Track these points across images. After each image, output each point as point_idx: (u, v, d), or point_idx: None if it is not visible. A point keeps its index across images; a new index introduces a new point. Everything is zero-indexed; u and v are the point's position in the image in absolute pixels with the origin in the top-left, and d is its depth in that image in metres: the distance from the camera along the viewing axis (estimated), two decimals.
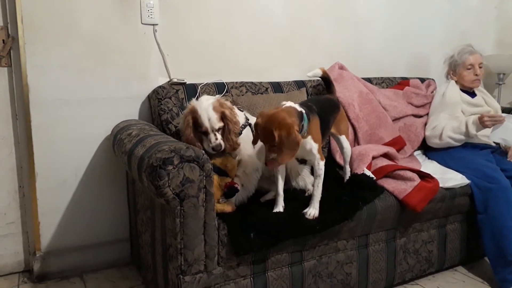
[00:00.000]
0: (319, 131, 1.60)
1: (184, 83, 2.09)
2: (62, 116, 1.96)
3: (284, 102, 1.54)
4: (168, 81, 2.11)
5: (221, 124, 1.62)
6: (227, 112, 1.63)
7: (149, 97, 2.09)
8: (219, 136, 1.62)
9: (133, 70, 2.08)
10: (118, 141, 1.72)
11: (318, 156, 1.57)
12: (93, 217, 2.08)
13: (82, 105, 1.99)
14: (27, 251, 2.03)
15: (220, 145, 1.61)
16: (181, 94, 2.05)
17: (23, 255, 2.03)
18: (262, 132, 1.45)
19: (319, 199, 1.57)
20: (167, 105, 1.95)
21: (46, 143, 1.94)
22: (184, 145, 1.36)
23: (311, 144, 1.56)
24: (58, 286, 1.93)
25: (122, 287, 1.92)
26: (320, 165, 1.58)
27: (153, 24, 2.09)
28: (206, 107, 1.61)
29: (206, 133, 1.62)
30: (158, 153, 1.30)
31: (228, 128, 1.63)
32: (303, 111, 1.52)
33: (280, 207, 1.58)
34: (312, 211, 1.55)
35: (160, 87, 2.04)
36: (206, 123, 1.61)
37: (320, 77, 2.03)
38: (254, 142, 1.57)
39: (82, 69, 1.98)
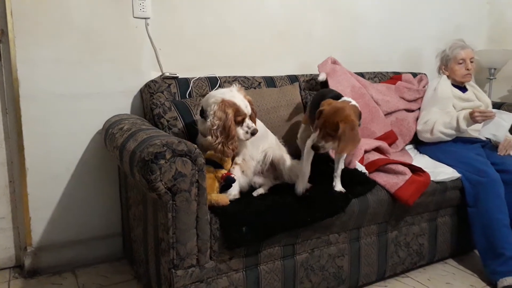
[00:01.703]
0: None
1: (177, 77, 2.09)
2: (54, 110, 1.95)
3: (345, 98, 1.71)
4: (161, 75, 2.10)
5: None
6: (250, 98, 1.66)
7: (141, 92, 2.08)
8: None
9: (125, 64, 2.07)
10: (109, 136, 1.71)
11: None
12: (85, 212, 2.07)
13: (74, 99, 1.98)
14: (18, 246, 2.02)
15: (256, 128, 1.63)
16: (173, 89, 2.04)
17: (14, 250, 2.02)
18: (325, 119, 1.55)
19: (339, 177, 1.72)
20: (159, 99, 1.95)
21: (37, 137, 1.92)
22: (176, 139, 1.35)
23: None
24: (49, 281, 1.92)
25: (115, 281, 1.92)
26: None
27: (145, 18, 2.08)
28: (239, 96, 1.61)
29: (241, 122, 1.61)
30: (150, 147, 1.30)
31: (253, 113, 1.67)
32: (358, 109, 1.67)
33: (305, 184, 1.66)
34: (338, 187, 1.70)
35: (152, 81, 2.03)
36: (245, 110, 1.61)
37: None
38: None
39: (74, 63, 1.96)
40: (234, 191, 1.62)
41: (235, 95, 1.61)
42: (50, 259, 1.99)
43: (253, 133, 1.62)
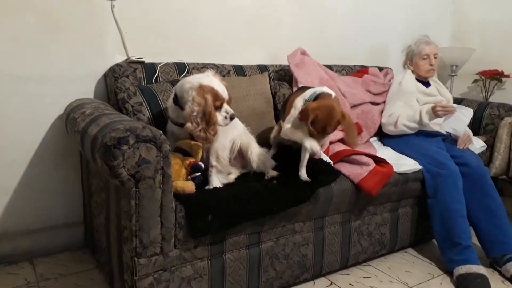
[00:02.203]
0: None
1: (143, 62, 2.04)
2: (11, 92, 1.85)
3: (322, 89, 1.76)
4: (126, 59, 2.04)
5: None
6: (225, 83, 1.63)
7: (105, 76, 2.01)
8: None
9: (88, 47, 2.00)
10: (71, 120, 1.65)
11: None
12: (45, 199, 2.00)
13: (33, 81, 1.89)
14: None
15: (234, 113, 1.60)
16: (139, 73, 1.99)
17: None
18: (325, 122, 1.63)
19: (305, 166, 1.74)
20: (124, 84, 1.89)
21: None
22: (140, 124, 1.32)
23: None
24: (5, 271, 1.85)
25: (75, 270, 1.86)
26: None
27: (111, 0, 2.01)
28: (216, 81, 1.58)
29: (220, 107, 1.58)
30: (112, 132, 1.26)
31: (230, 98, 1.63)
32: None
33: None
34: (303, 175, 1.71)
35: (117, 65, 1.96)
36: (224, 95, 1.58)
37: None
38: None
39: (34, 43, 1.87)
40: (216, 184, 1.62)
41: (212, 80, 1.58)
42: (6, 248, 1.91)
43: (232, 117, 1.60)
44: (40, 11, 1.85)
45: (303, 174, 1.72)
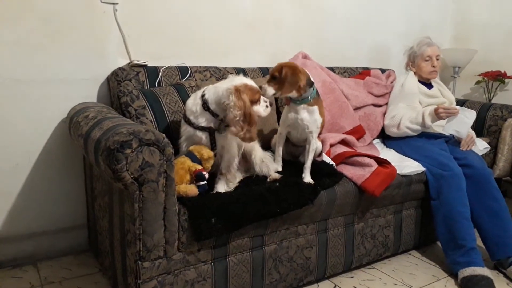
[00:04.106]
0: (324, 111, 1.86)
1: (145, 66, 2.04)
2: (12, 96, 1.86)
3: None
4: (129, 63, 2.05)
5: None
6: None
7: (108, 79, 2.02)
8: None
9: (91, 51, 2.00)
10: (74, 124, 1.65)
11: (316, 134, 1.80)
12: (48, 203, 2.00)
13: (36, 85, 1.90)
14: None
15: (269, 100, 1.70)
16: (142, 77, 1.99)
17: None
18: (273, 69, 1.72)
19: (309, 169, 1.78)
20: (127, 87, 1.89)
21: None
22: (143, 127, 1.32)
23: (316, 115, 1.79)
24: (9, 274, 1.85)
25: (79, 274, 1.86)
26: (313, 144, 1.80)
27: (113, 3, 2.01)
28: (245, 78, 1.63)
29: (258, 100, 1.63)
30: (115, 135, 1.26)
31: None
32: (314, 83, 1.78)
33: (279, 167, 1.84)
34: (307, 178, 1.75)
35: (120, 68, 1.97)
36: (257, 87, 1.63)
37: None
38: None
39: (36, 46, 1.88)
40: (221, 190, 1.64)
41: (242, 78, 1.62)
42: (10, 251, 1.91)
43: (271, 104, 1.69)
44: (42, 15, 1.86)
45: (307, 177, 1.72)
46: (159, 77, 2.03)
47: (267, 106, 1.66)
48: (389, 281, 1.92)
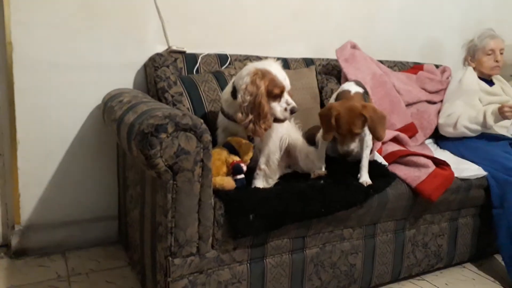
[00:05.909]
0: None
1: (184, 52, 1.95)
2: (49, 80, 1.80)
3: (346, 87, 1.66)
4: (167, 49, 1.96)
5: None
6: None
7: (145, 66, 1.94)
8: None
9: (129, 36, 1.93)
10: (108, 109, 1.57)
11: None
12: (80, 192, 1.93)
13: (72, 69, 1.84)
14: (6, 224, 1.88)
15: (296, 106, 1.40)
16: (180, 64, 1.89)
17: (1, 228, 1.88)
18: (346, 122, 1.47)
19: (367, 168, 1.59)
20: (164, 73, 1.80)
21: (30, 108, 1.78)
22: (180, 111, 1.20)
23: None
24: (37, 263, 1.79)
25: (107, 267, 1.78)
26: (367, 141, 1.60)
27: None
28: (277, 66, 1.42)
29: (278, 96, 1.40)
30: (150, 119, 1.15)
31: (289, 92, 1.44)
32: (361, 92, 1.61)
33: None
34: (364, 178, 1.56)
35: (157, 54, 1.88)
36: (284, 83, 1.40)
37: None
38: (326, 138, 1.57)
39: (74, 30, 1.82)
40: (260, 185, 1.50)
41: (272, 64, 1.42)
42: (39, 239, 1.85)
43: (293, 111, 1.40)
44: None
45: (364, 176, 1.57)
46: (198, 64, 1.93)
47: (286, 110, 1.40)
48: None
